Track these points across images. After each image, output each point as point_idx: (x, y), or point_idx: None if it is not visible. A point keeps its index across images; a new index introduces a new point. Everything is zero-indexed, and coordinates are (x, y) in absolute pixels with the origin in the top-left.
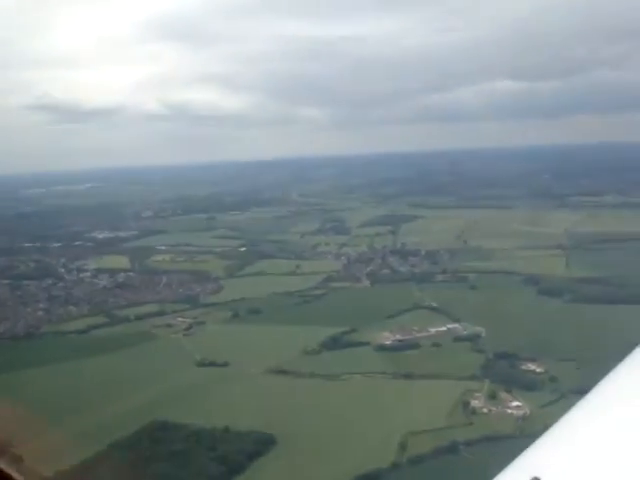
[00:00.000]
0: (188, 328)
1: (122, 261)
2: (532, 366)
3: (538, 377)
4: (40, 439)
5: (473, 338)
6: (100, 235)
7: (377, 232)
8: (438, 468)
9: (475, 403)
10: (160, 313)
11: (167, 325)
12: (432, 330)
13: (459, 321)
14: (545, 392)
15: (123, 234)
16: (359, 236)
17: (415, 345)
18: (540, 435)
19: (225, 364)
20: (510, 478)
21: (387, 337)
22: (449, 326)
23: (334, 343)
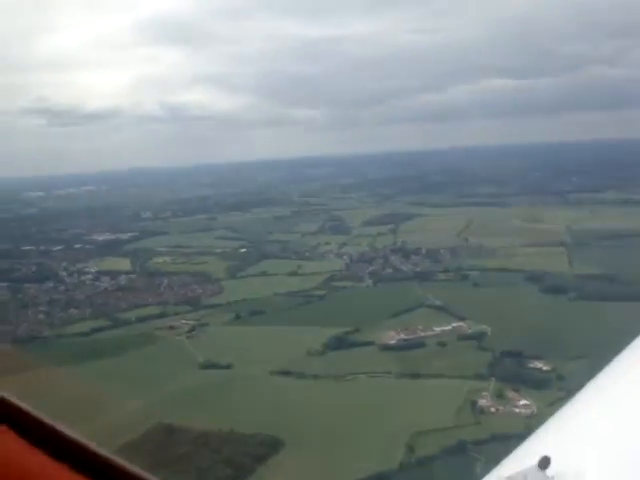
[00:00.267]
0: (191, 330)
1: (123, 263)
2: (539, 364)
3: (545, 375)
4: None
5: (478, 336)
6: (100, 237)
7: (378, 231)
8: (447, 468)
9: (482, 402)
10: (162, 315)
11: (169, 327)
12: (437, 329)
13: (464, 319)
14: (552, 390)
15: (123, 236)
16: (360, 235)
17: (420, 344)
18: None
19: (229, 366)
20: (520, 457)
21: (392, 336)
22: (454, 324)
23: (338, 343)
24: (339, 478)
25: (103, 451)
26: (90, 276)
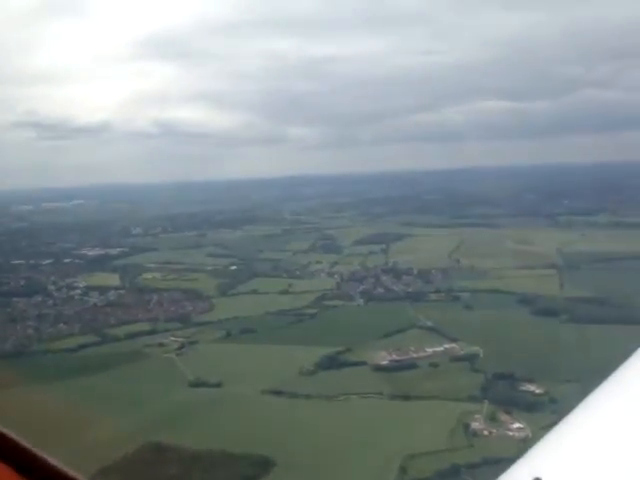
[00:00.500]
0: (180, 347)
1: (112, 279)
2: (531, 387)
3: (538, 398)
4: None
5: (470, 358)
6: (90, 252)
7: (369, 250)
8: None
9: (475, 425)
10: (152, 332)
11: (159, 344)
12: (429, 350)
13: (456, 341)
14: (546, 413)
15: (113, 251)
16: (351, 254)
17: (412, 365)
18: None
19: (219, 384)
20: (512, 479)
21: (383, 357)
22: (446, 346)
23: (330, 363)
24: None
25: None
26: (79, 291)
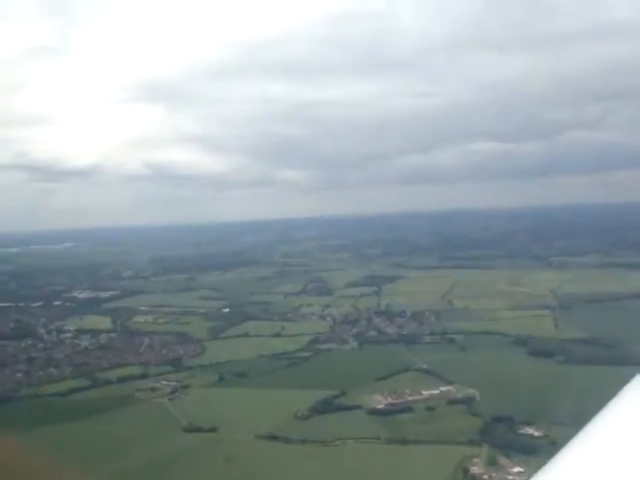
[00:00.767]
0: (173, 392)
1: (103, 322)
2: (530, 430)
3: (537, 441)
4: None
5: (467, 401)
6: (80, 295)
7: (361, 293)
8: None
9: (475, 469)
10: (143, 376)
11: (151, 388)
12: (425, 393)
13: (452, 383)
14: (545, 457)
15: (104, 294)
16: (343, 297)
17: (408, 409)
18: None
19: (213, 429)
20: None
21: (379, 400)
22: (442, 389)
23: (325, 407)
24: None
25: None
26: (70, 334)
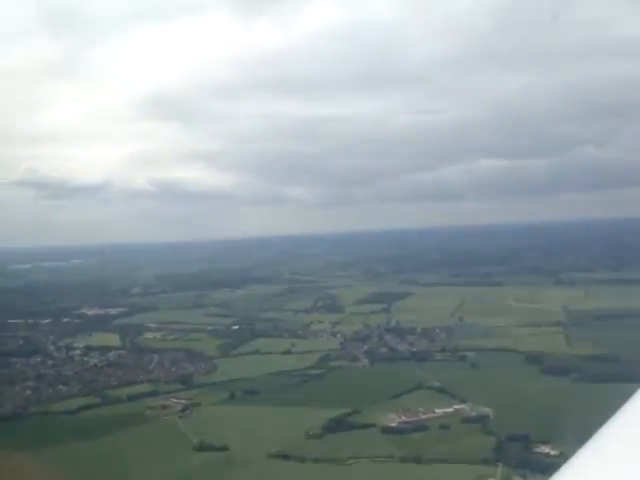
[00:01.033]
0: (183, 410)
1: (112, 339)
2: (545, 449)
3: (553, 460)
4: None
5: (481, 419)
6: (89, 312)
7: (371, 310)
8: None
9: None
10: (153, 393)
11: (161, 406)
12: (438, 411)
13: (465, 401)
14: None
15: (113, 311)
16: (353, 314)
17: (422, 427)
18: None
19: (224, 448)
20: None
21: (392, 419)
22: (456, 407)
23: (337, 425)
24: None
25: None
26: (79, 351)
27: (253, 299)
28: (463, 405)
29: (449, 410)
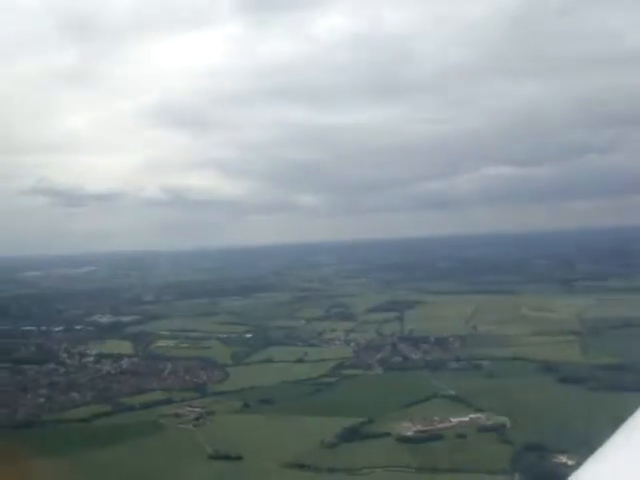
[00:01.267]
0: (197, 418)
1: (125, 346)
2: (563, 459)
3: (571, 470)
4: None
5: (498, 429)
6: (102, 319)
7: (384, 318)
8: None
9: None
10: (167, 401)
11: (175, 414)
12: (454, 420)
13: (481, 411)
14: None
15: (125, 318)
16: (366, 322)
17: (438, 436)
18: None
19: (239, 457)
20: None
21: (408, 428)
22: (472, 416)
23: (352, 434)
24: None
25: None
26: (91, 359)
27: (265, 307)
28: (479, 414)
29: (465, 419)
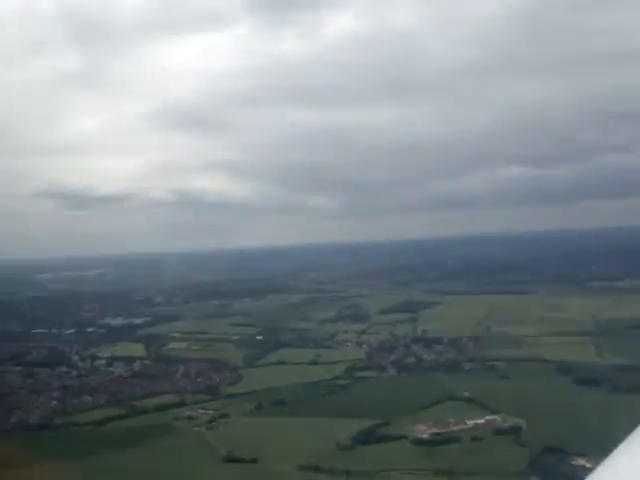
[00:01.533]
0: (211, 421)
1: (137, 349)
2: (582, 461)
3: (589, 473)
4: None
5: (515, 431)
6: (113, 322)
7: (396, 319)
8: None
9: None
10: (180, 404)
11: (188, 417)
12: (470, 422)
13: (497, 413)
14: None
15: (136, 321)
16: (379, 323)
17: (454, 439)
18: None
19: (254, 460)
20: None
21: (423, 430)
22: (487, 418)
23: (368, 437)
24: None
25: None
26: (103, 361)
27: (276, 309)
28: (495, 416)
29: (481, 421)
